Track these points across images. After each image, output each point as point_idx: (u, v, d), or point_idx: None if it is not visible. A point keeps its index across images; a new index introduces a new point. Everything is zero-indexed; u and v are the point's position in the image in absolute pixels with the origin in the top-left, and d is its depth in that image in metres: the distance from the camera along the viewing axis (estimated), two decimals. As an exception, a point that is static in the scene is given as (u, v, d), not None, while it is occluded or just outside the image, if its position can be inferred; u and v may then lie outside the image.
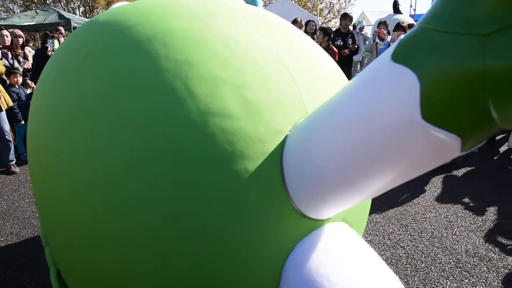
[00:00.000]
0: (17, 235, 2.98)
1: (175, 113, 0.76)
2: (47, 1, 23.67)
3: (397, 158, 0.65)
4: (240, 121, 0.79)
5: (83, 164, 0.81)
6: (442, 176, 3.99)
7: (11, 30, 5.30)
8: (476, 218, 3.09)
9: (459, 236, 2.83)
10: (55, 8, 15.16)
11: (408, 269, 2.44)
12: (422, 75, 0.55)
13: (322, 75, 1.07)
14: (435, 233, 2.87)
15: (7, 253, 2.72)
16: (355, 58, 7.84)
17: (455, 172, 4.08)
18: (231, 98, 0.79)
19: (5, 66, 4.56)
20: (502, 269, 2.43)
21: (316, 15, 23.21)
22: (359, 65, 8.71)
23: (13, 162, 4.41)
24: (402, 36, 0.63)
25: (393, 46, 0.63)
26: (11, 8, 24.06)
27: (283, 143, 0.84)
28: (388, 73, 0.61)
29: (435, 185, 3.77)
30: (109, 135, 0.78)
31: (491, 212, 3.18)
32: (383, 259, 2.53)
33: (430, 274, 2.39)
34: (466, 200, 3.43)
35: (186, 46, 0.82)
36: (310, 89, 0.97)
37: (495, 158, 4.50)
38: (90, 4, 23.50)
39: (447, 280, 2.33)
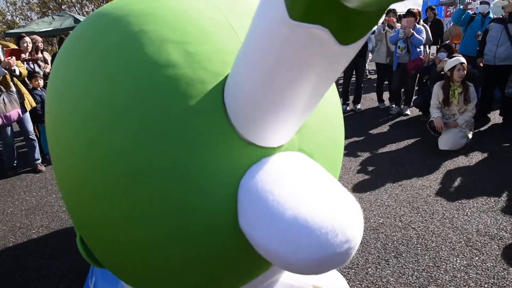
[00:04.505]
0: (47, 227, 3.18)
1: (133, 69, 0.99)
2: (62, 7, 24.25)
3: (292, 63, 0.75)
4: (182, 68, 0.99)
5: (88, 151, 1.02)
6: (455, 159, 4.01)
7: (32, 36, 5.54)
8: (488, 199, 3.12)
9: (470, 217, 2.87)
10: (70, 13, 15.54)
11: (419, 248, 2.51)
12: None
13: None
14: (446, 214, 2.93)
15: (40, 243, 2.92)
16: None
17: (468, 156, 4.09)
18: (175, 52, 1.00)
19: (27, 70, 4.78)
20: (513, 247, 2.48)
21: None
22: (370, 54, 8.65)
23: (39, 161, 4.64)
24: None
25: None
26: (29, 15, 24.79)
27: (223, 82, 1.01)
28: None
29: (448, 169, 3.80)
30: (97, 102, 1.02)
31: (504, 193, 3.21)
32: (394, 240, 2.62)
33: (440, 253, 2.45)
34: (479, 182, 3.45)
35: (141, 21, 1.06)
36: None
37: (508, 142, 4.48)
38: (104, 7, 23.96)
39: (457, 258, 2.39)
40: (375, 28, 6.27)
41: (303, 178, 0.99)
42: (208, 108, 0.98)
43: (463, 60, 4.29)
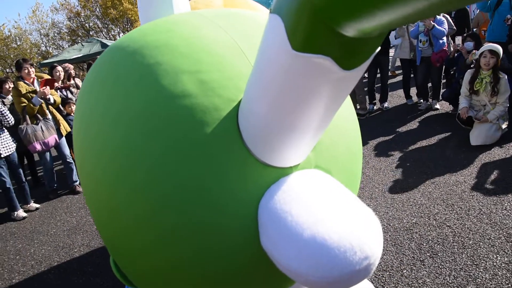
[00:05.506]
0: (88, 246, 3.33)
1: (151, 104, 1.04)
2: (90, 33, 25.41)
3: (300, 89, 0.78)
4: (197, 97, 1.03)
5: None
6: (489, 152, 3.85)
7: (64, 65, 5.86)
8: (529, 191, 2.98)
9: (509, 211, 2.75)
10: (98, 38, 16.28)
11: (455, 247, 2.44)
12: (283, 16, 0.69)
13: None
14: (483, 210, 2.82)
15: (81, 261, 3.06)
16: (395, 42, 7.63)
17: (504, 147, 3.92)
18: (189, 82, 1.04)
19: (60, 97, 5.05)
20: (558, 240, 2.35)
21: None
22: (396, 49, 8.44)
23: (77, 182, 4.87)
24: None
25: None
26: (61, 44, 26.18)
27: (237, 107, 1.05)
28: (268, 23, 0.76)
29: (483, 162, 3.65)
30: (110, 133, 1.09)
31: (545, 184, 3.05)
32: (429, 240, 2.55)
33: (478, 250, 2.37)
34: (517, 174, 3.30)
35: (156, 52, 1.11)
36: None
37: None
38: (128, 29, 24.89)
39: (497, 255, 2.30)
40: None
41: (320, 196, 1.00)
42: (224, 134, 1.02)
43: (495, 48, 4.07)
